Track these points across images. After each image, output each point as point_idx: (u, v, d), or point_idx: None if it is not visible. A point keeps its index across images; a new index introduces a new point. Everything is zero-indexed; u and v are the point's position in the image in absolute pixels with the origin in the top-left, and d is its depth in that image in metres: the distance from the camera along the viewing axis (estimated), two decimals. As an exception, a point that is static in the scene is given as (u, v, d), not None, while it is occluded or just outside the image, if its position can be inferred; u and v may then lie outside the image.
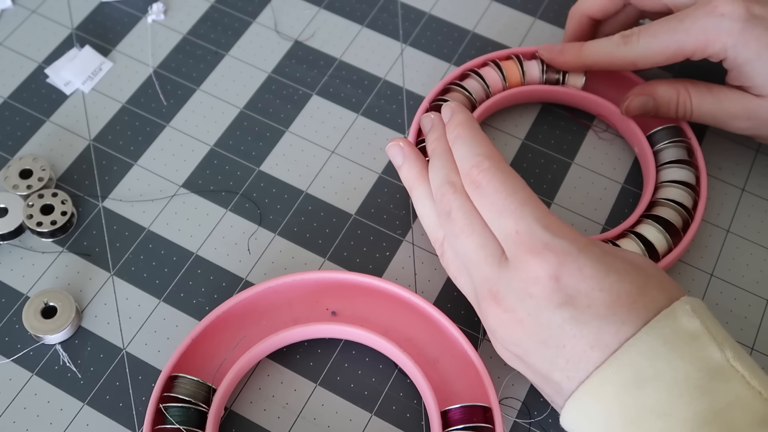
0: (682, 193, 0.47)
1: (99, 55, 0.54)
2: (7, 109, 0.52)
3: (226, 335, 0.43)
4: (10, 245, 0.47)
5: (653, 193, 0.48)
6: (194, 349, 0.43)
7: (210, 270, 0.47)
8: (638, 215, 0.47)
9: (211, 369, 0.42)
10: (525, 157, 0.51)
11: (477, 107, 0.50)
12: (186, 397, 0.41)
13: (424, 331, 0.44)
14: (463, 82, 0.51)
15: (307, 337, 0.44)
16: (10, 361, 0.44)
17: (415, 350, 0.43)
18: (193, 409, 0.41)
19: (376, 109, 0.53)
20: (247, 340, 0.43)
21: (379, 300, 0.45)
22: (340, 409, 0.43)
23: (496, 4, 0.57)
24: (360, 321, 0.44)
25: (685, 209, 0.47)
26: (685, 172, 0.48)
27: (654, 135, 0.49)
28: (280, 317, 0.44)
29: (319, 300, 0.44)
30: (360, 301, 0.45)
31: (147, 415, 0.40)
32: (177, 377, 0.41)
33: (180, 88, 0.53)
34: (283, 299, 0.44)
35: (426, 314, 0.44)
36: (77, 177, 0.50)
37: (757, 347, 0.46)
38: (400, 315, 0.44)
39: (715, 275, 0.48)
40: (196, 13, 0.56)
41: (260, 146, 0.51)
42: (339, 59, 0.55)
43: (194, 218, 0.48)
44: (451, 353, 0.43)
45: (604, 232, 0.49)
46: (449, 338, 0.43)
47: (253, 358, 0.43)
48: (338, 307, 0.44)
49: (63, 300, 0.44)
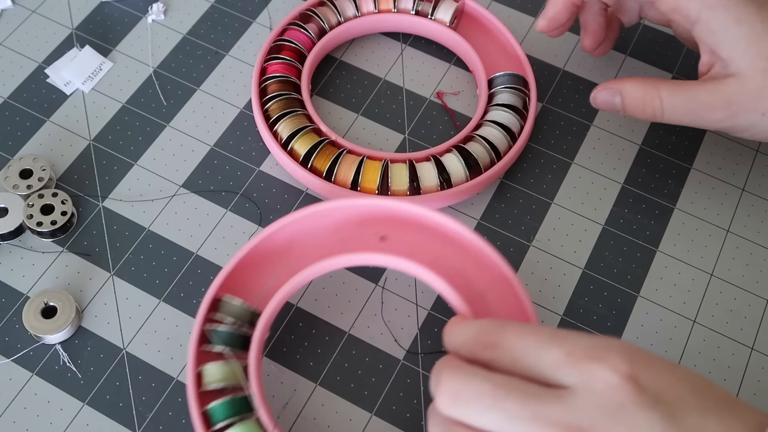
0: (507, 116, 0.49)
1: (99, 55, 0.54)
2: (7, 109, 0.52)
3: (273, 259, 0.43)
4: (10, 245, 0.47)
5: (482, 116, 0.50)
6: (239, 272, 0.42)
7: (210, 270, 0.47)
8: (465, 134, 0.50)
9: (258, 293, 0.42)
10: (525, 157, 0.51)
11: (327, 33, 0.53)
12: (231, 317, 0.40)
13: (472, 264, 0.43)
14: (318, 9, 0.53)
15: (354, 264, 0.43)
16: (10, 361, 0.44)
17: (461, 282, 0.42)
18: (237, 333, 0.40)
19: (376, 109, 0.53)
20: (293, 265, 0.42)
21: (426, 232, 0.44)
22: (340, 409, 0.43)
23: (496, 4, 0.57)
24: (407, 251, 0.43)
25: (507, 130, 0.49)
26: (514, 96, 0.50)
27: (497, 77, 0.52)
28: (327, 243, 0.43)
29: (367, 227, 0.44)
30: (407, 232, 0.44)
31: (192, 336, 0.40)
32: (222, 299, 0.41)
33: (180, 88, 0.53)
34: (330, 224, 0.43)
35: (474, 247, 0.43)
36: (77, 177, 0.50)
37: (757, 347, 0.46)
38: (448, 248, 0.43)
39: (714, 275, 0.48)
40: (196, 13, 0.56)
41: (260, 146, 0.51)
42: (339, 59, 0.55)
43: (194, 218, 0.48)
44: (497, 288, 0.42)
45: (603, 233, 0.49)
46: (496, 271, 0.42)
47: (299, 283, 0.42)
48: (388, 234, 0.43)
49: (63, 300, 0.44)
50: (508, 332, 0.35)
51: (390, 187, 0.47)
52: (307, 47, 0.52)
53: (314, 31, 0.53)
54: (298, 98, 0.50)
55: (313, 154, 0.48)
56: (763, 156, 0.52)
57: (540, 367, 0.34)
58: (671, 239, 0.49)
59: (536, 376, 0.34)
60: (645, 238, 0.49)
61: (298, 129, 0.49)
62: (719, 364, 0.45)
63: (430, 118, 0.53)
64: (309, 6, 0.54)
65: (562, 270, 0.48)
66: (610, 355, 0.33)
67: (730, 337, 0.46)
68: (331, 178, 0.48)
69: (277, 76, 0.51)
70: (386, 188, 0.47)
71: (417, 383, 0.44)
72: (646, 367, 0.33)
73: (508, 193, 0.50)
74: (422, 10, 0.53)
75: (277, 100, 0.50)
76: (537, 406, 0.32)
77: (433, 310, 0.46)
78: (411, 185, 0.47)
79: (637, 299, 0.47)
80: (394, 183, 0.47)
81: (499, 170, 0.49)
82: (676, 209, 0.50)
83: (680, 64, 0.55)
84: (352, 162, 0.48)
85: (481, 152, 0.48)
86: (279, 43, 0.52)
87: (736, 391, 0.44)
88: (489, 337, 0.36)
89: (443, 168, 0.48)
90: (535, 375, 0.34)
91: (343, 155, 0.48)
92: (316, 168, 0.48)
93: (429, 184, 0.47)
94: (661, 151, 0.52)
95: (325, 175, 0.48)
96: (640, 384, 0.32)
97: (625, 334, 0.46)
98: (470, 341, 0.37)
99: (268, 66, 0.51)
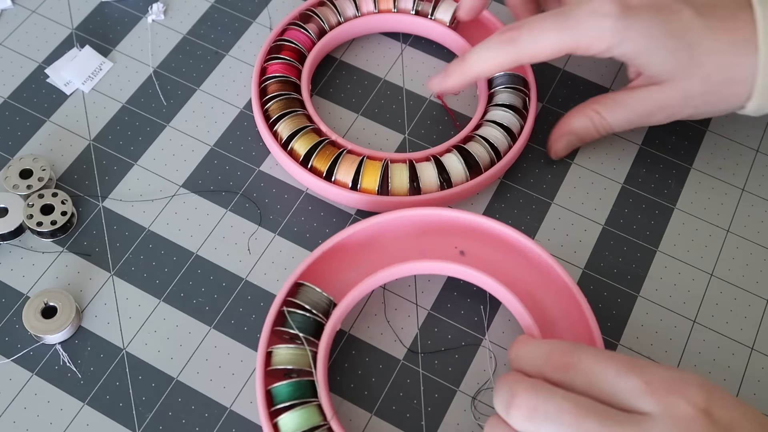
0: (507, 116, 0.49)
1: (99, 55, 0.54)
2: (7, 109, 0.52)
3: (354, 256, 0.45)
4: (10, 245, 0.47)
5: (482, 116, 0.51)
6: (323, 262, 0.44)
7: (210, 270, 0.47)
8: (465, 134, 0.50)
9: (335, 285, 0.44)
10: (525, 157, 0.51)
11: (327, 33, 0.53)
12: (308, 305, 0.42)
13: (545, 288, 0.44)
14: (318, 9, 0.54)
15: (432, 272, 0.45)
16: (10, 361, 0.44)
17: (532, 305, 0.44)
18: (312, 318, 0.42)
19: (376, 109, 0.53)
20: (372, 264, 0.44)
21: (505, 249, 0.45)
22: (340, 409, 0.43)
23: (496, 4, 0.57)
24: (485, 267, 0.44)
25: (507, 131, 0.49)
26: (514, 96, 0.50)
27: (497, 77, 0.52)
28: (407, 248, 0.45)
29: (447, 238, 0.45)
30: (487, 247, 0.45)
31: (268, 316, 0.42)
32: (303, 285, 0.43)
33: (180, 88, 0.53)
34: (413, 232, 0.45)
35: (548, 270, 0.44)
36: (77, 177, 0.50)
37: (757, 347, 0.46)
38: (524, 269, 0.45)
39: (714, 275, 0.48)
40: (196, 13, 0.56)
41: (260, 146, 0.51)
42: (339, 59, 0.55)
43: (194, 218, 0.48)
44: (569, 316, 0.44)
45: (603, 233, 0.49)
46: (569, 298, 0.44)
47: (376, 282, 0.44)
48: (466, 249, 0.45)
49: (63, 300, 0.44)
50: (583, 355, 0.36)
51: (390, 188, 0.47)
52: (307, 47, 0.52)
53: (314, 31, 0.53)
54: (298, 98, 0.50)
55: (313, 154, 0.48)
56: (763, 156, 0.52)
57: (616, 393, 0.35)
58: (671, 239, 0.49)
59: (611, 400, 0.35)
60: (645, 238, 0.49)
61: (298, 129, 0.49)
62: (719, 364, 0.45)
63: (430, 118, 0.53)
64: (309, 6, 0.54)
65: (562, 270, 0.48)
66: (689, 389, 0.34)
67: (730, 337, 0.46)
68: (331, 178, 0.48)
69: (277, 76, 0.51)
70: (386, 188, 0.47)
71: (417, 383, 0.44)
72: (720, 403, 0.34)
73: (508, 193, 0.50)
74: (422, 10, 0.53)
75: (277, 100, 0.50)
76: (616, 428, 0.33)
77: (433, 310, 0.46)
78: (411, 185, 0.47)
79: (637, 299, 0.47)
80: (394, 183, 0.47)
81: (500, 170, 0.49)
82: (676, 209, 0.50)
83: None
84: (352, 162, 0.48)
85: (481, 152, 0.48)
86: (279, 43, 0.52)
87: (736, 391, 0.44)
88: (563, 358, 0.37)
89: (443, 168, 0.48)
90: (609, 399, 0.35)
91: (343, 155, 0.48)
92: (316, 168, 0.48)
93: (429, 183, 0.47)
94: (661, 151, 0.52)
95: (325, 175, 0.48)
96: (713, 418, 0.33)
97: (625, 334, 0.46)
98: (541, 361, 0.37)
99: (268, 66, 0.51)
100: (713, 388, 0.35)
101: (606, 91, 0.54)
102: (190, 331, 0.45)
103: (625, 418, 0.34)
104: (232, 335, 0.45)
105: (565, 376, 0.36)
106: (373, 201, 0.47)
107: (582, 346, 0.37)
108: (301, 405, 0.40)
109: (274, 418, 0.40)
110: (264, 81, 0.51)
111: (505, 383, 0.37)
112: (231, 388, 0.44)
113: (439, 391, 0.44)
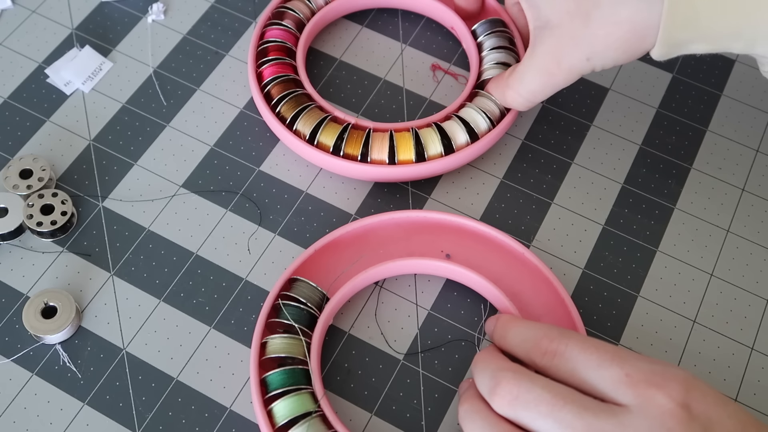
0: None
1: (99, 55, 0.54)
2: (7, 109, 0.52)
3: (346, 253, 0.46)
4: (10, 245, 0.47)
5: (476, 80, 0.51)
6: (316, 258, 0.45)
7: (210, 270, 0.47)
8: (462, 101, 0.50)
9: (328, 280, 0.45)
10: (525, 157, 0.51)
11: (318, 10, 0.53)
12: (302, 298, 0.43)
13: (532, 287, 0.45)
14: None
15: (421, 271, 0.46)
16: (10, 361, 0.44)
17: (519, 303, 0.45)
18: (306, 311, 0.43)
19: (376, 109, 0.53)
20: (364, 262, 0.46)
21: (492, 250, 0.46)
22: (340, 409, 0.43)
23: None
24: (470, 266, 0.46)
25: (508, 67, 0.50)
26: (505, 56, 0.51)
27: (476, 29, 0.53)
28: (396, 249, 0.46)
29: (435, 241, 0.47)
30: (473, 249, 0.46)
31: (263, 309, 0.43)
32: (297, 280, 0.44)
33: (180, 88, 0.53)
34: (402, 233, 0.47)
35: (536, 271, 0.45)
36: (77, 177, 0.50)
37: (757, 347, 0.46)
38: (512, 268, 0.46)
39: (714, 275, 0.48)
40: (196, 13, 0.56)
41: (260, 146, 0.51)
42: (339, 59, 0.55)
43: (194, 218, 0.48)
44: (553, 313, 0.44)
45: (603, 233, 0.49)
46: (557, 298, 0.44)
47: (368, 279, 0.45)
48: (452, 251, 0.46)
49: (63, 300, 0.44)
50: (570, 343, 0.37)
51: (397, 156, 0.48)
52: (307, 17, 0.53)
53: (305, 14, 0.53)
54: (296, 78, 0.51)
55: (318, 131, 0.48)
56: (763, 156, 0.52)
57: (597, 383, 0.35)
58: (671, 239, 0.49)
59: (591, 390, 0.35)
60: (645, 238, 0.49)
61: (302, 108, 0.49)
62: (719, 364, 0.45)
63: (430, 118, 0.53)
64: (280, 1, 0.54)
65: (562, 270, 0.48)
66: (670, 383, 0.34)
67: (730, 337, 0.46)
68: (339, 153, 0.48)
69: (277, 74, 0.51)
70: (393, 157, 0.48)
71: (417, 383, 0.44)
72: (700, 398, 0.34)
73: (508, 193, 0.50)
74: None
75: (277, 82, 0.50)
76: (592, 419, 0.34)
77: (433, 310, 0.46)
78: (417, 153, 0.48)
79: (637, 299, 0.47)
80: (400, 152, 0.48)
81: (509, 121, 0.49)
82: (676, 209, 0.50)
83: (680, 64, 0.55)
84: (358, 136, 0.49)
85: (490, 106, 0.49)
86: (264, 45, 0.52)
87: (736, 391, 0.44)
88: (551, 344, 0.37)
89: (445, 134, 0.49)
90: (590, 389, 0.35)
91: (349, 130, 0.49)
92: (323, 144, 0.48)
93: (433, 151, 0.48)
94: (661, 151, 0.52)
95: (332, 150, 0.48)
96: (691, 413, 0.34)
97: (625, 334, 0.46)
98: (530, 344, 0.38)
99: (264, 70, 0.51)
100: (695, 383, 0.35)
101: (606, 91, 0.54)
102: (190, 331, 0.45)
103: (602, 409, 0.34)
104: (232, 335, 0.45)
105: (551, 362, 0.37)
106: (386, 171, 0.48)
107: (571, 333, 0.38)
108: (295, 392, 0.41)
109: (268, 406, 0.41)
110: (264, 83, 0.51)
111: (487, 368, 0.38)
112: (231, 388, 0.44)
113: (439, 391, 0.44)
